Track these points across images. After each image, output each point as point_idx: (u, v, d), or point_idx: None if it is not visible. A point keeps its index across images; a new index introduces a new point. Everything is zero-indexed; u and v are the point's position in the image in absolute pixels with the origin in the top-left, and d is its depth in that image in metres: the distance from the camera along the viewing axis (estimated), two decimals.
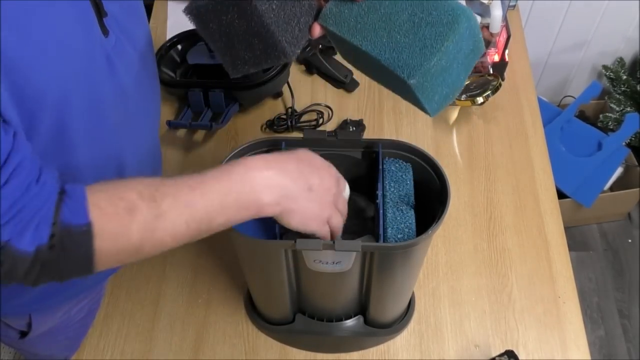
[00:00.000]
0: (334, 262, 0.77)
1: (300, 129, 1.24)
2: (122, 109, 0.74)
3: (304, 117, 1.26)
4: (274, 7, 0.69)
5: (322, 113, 1.26)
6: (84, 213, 0.57)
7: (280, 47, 0.70)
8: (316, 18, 0.75)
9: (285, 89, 1.28)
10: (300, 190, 0.69)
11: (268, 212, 0.67)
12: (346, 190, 0.77)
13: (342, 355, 0.97)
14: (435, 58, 0.68)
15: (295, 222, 0.70)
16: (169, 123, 1.21)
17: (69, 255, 0.58)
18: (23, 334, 0.98)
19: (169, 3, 1.47)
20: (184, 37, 1.31)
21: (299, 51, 0.73)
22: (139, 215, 0.60)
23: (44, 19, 0.59)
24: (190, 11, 0.71)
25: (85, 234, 0.57)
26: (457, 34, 0.69)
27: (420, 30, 0.69)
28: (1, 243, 0.54)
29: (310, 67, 1.34)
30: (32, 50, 0.58)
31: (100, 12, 0.67)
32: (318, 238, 0.73)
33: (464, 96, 1.22)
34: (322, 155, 0.84)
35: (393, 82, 0.73)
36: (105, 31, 0.68)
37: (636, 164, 2.00)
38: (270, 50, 0.71)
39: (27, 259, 0.56)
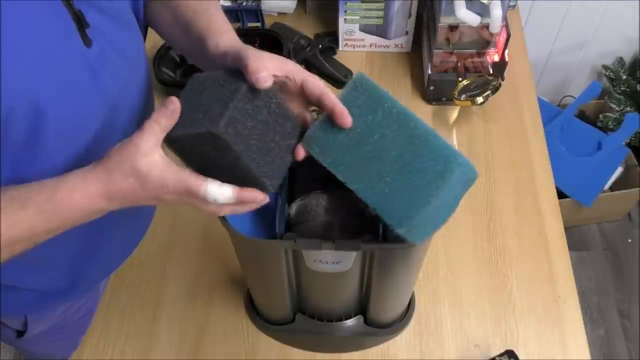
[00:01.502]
0: (334, 262, 0.77)
1: None
2: (108, 117, 0.74)
3: None
4: (252, 142, 0.64)
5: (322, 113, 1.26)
6: None
7: (259, 183, 0.66)
8: (301, 137, 0.70)
9: None
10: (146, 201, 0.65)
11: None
12: (211, 191, 0.65)
13: (342, 355, 0.97)
14: (426, 209, 0.64)
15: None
16: None
17: None
18: (20, 334, 0.98)
19: None
20: None
21: (280, 182, 0.69)
22: None
23: (16, 34, 0.58)
24: (166, 139, 0.64)
25: None
26: (450, 183, 0.64)
27: (411, 175, 0.65)
28: None
29: (310, 67, 1.34)
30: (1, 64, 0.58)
31: (81, 23, 0.67)
32: (318, 238, 0.73)
33: (463, 96, 1.22)
34: None
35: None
36: (87, 42, 0.68)
37: (636, 163, 2.00)
38: (250, 184, 0.66)
39: None
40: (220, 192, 0.64)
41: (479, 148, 1.22)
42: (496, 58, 1.28)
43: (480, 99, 1.21)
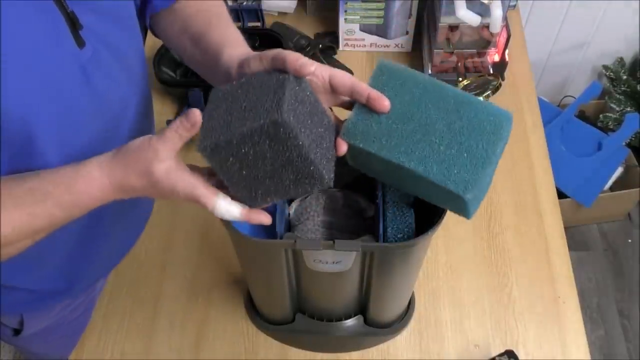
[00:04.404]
0: (333, 262, 0.77)
1: None
2: (102, 117, 0.74)
3: None
4: (308, 131, 0.61)
5: None
6: None
7: (318, 176, 0.62)
8: (336, 134, 0.68)
9: None
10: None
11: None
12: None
13: (342, 355, 0.97)
14: (489, 169, 0.64)
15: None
16: (169, 123, 1.21)
17: None
18: (16, 332, 0.98)
19: None
20: None
21: (333, 176, 0.65)
22: None
23: (6, 36, 0.58)
24: (206, 147, 0.61)
25: None
26: (504, 139, 0.65)
27: (466, 140, 0.65)
28: None
29: None
30: None
31: (75, 25, 0.67)
32: (317, 238, 0.73)
33: None
34: None
35: (434, 193, 0.68)
36: (80, 42, 0.68)
37: (636, 164, 2.00)
38: (306, 179, 0.63)
39: None
40: (227, 209, 0.65)
41: None
42: (496, 58, 1.28)
43: (480, 99, 1.21)
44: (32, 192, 0.63)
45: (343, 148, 0.68)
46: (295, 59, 0.62)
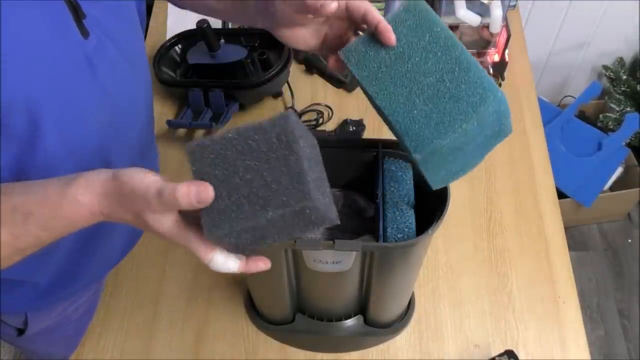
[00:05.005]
0: (333, 262, 0.77)
1: None
2: (107, 109, 0.74)
3: (304, 117, 1.26)
4: (320, 192, 0.57)
5: (322, 113, 1.26)
6: None
7: (329, 221, 0.58)
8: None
9: (285, 88, 1.28)
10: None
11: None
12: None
13: (342, 355, 0.97)
14: (448, 138, 0.62)
15: None
16: (169, 123, 1.21)
17: None
18: (20, 332, 0.98)
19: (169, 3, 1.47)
20: (184, 37, 1.31)
21: (337, 214, 0.60)
22: None
23: (11, 27, 0.58)
24: (224, 236, 0.56)
25: None
26: (481, 117, 0.62)
27: (443, 101, 0.63)
28: None
29: (310, 67, 1.34)
30: None
31: (78, 14, 0.66)
32: (317, 238, 0.73)
33: None
34: (321, 155, 0.83)
35: (399, 138, 0.67)
36: (85, 32, 0.67)
37: (636, 164, 2.00)
38: (315, 225, 0.58)
39: None
40: (224, 263, 0.62)
41: None
42: (496, 58, 1.28)
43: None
44: (14, 212, 0.60)
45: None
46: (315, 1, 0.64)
